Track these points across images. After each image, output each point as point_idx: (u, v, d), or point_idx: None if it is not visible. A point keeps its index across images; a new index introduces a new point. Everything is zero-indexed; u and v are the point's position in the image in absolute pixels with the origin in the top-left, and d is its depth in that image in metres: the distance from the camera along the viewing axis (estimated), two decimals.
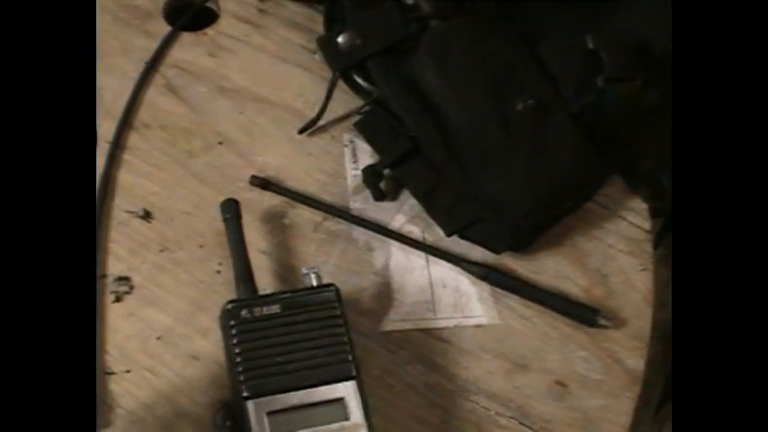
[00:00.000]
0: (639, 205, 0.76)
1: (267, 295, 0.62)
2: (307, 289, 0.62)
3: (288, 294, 0.62)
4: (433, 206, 0.71)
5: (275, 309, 0.61)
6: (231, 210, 0.68)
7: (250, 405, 0.58)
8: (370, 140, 0.74)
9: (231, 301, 0.61)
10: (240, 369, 0.58)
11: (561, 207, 0.72)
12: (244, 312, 0.60)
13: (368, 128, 0.74)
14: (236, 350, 0.59)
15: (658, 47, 0.75)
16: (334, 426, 0.58)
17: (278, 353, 0.59)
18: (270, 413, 0.58)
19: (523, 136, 0.70)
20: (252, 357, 0.59)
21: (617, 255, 0.73)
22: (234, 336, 0.59)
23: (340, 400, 0.59)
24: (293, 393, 0.58)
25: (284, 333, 0.60)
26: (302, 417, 0.58)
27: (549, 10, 0.76)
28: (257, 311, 0.61)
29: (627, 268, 0.73)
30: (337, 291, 0.62)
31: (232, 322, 0.60)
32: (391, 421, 0.64)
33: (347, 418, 0.58)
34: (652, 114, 0.74)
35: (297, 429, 0.57)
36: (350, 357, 0.60)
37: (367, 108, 0.74)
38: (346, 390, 0.59)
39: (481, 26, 0.73)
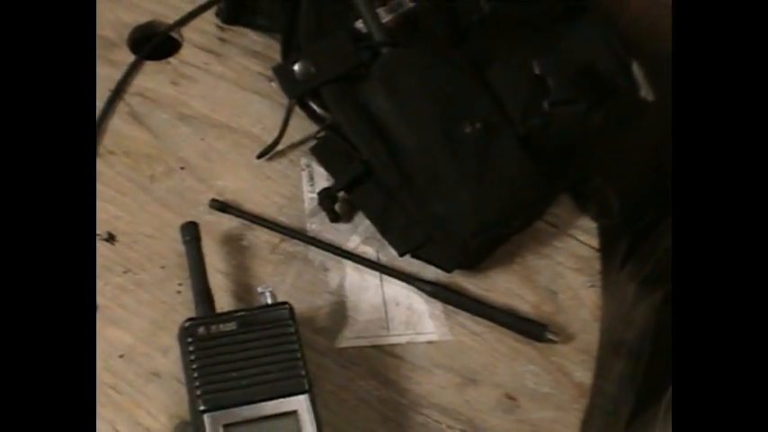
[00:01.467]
0: (588, 224, 0.79)
1: (224, 313, 0.65)
2: (262, 307, 0.65)
3: (243, 313, 0.64)
4: (385, 227, 0.74)
5: (231, 326, 0.63)
6: (191, 232, 0.70)
7: (207, 418, 0.60)
8: (325, 165, 0.77)
9: (189, 320, 0.63)
10: (197, 384, 0.61)
11: (509, 226, 0.74)
12: (201, 330, 0.63)
13: (323, 152, 0.76)
14: (194, 366, 0.61)
15: (602, 68, 0.78)
16: None
17: (234, 368, 0.61)
18: (226, 426, 0.60)
19: (471, 158, 0.72)
20: (208, 373, 0.61)
21: (565, 272, 0.76)
22: (191, 352, 0.62)
23: (293, 413, 0.61)
24: (248, 407, 0.60)
25: (240, 350, 0.62)
26: (257, 429, 0.60)
27: (496, 37, 0.79)
28: (214, 329, 0.63)
29: (575, 285, 0.76)
30: (291, 309, 0.64)
31: (189, 339, 0.62)
32: None
33: (300, 431, 0.60)
34: (598, 135, 0.77)
35: None
36: (303, 372, 0.62)
37: (322, 134, 0.77)
38: (299, 403, 0.61)
39: (430, 53, 0.75)
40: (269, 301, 0.65)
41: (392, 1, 0.79)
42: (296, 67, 0.76)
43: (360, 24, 0.78)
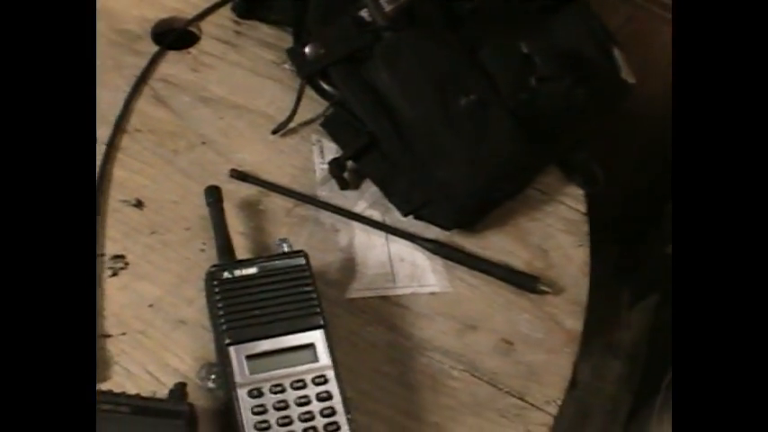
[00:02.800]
0: (575, 191, 0.86)
1: (245, 260, 0.72)
2: (280, 254, 0.72)
3: (263, 259, 0.71)
4: (390, 191, 0.81)
5: (252, 270, 0.70)
6: (214, 194, 0.77)
7: (232, 350, 0.66)
8: (334, 137, 0.84)
9: (215, 265, 0.70)
10: (222, 321, 0.67)
11: (501, 190, 0.82)
12: (225, 274, 0.70)
13: (332, 126, 0.84)
14: (219, 305, 0.68)
15: (586, 51, 0.85)
16: (305, 367, 0.67)
17: (255, 307, 0.68)
18: (249, 357, 0.66)
19: (466, 128, 0.80)
20: (232, 311, 0.68)
21: (555, 233, 0.83)
22: (217, 293, 0.68)
23: (310, 346, 0.67)
24: (269, 340, 0.67)
25: (260, 291, 0.69)
26: (277, 360, 0.67)
27: (487, 24, 0.87)
28: (237, 273, 0.70)
29: (564, 244, 0.82)
30: (306, 256, 0.71)
31: (215, 282, 0.69)
32: (357, 374, 0.72)
33: (317, 360, 0.67)
34: (582, 111, 0.85)
35: (272, 370, 0.66)
36: (318, 310, 0.69)
37: (331, 109, 0.85)
38: (315, 337, 0.68)
39: (428, 36, 0.83)
40: (285, 249, 0.72)
41: None
42: (307, 50, 0.83)
43: (363, 13, 0.85)
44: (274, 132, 0.85)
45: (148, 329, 0.73)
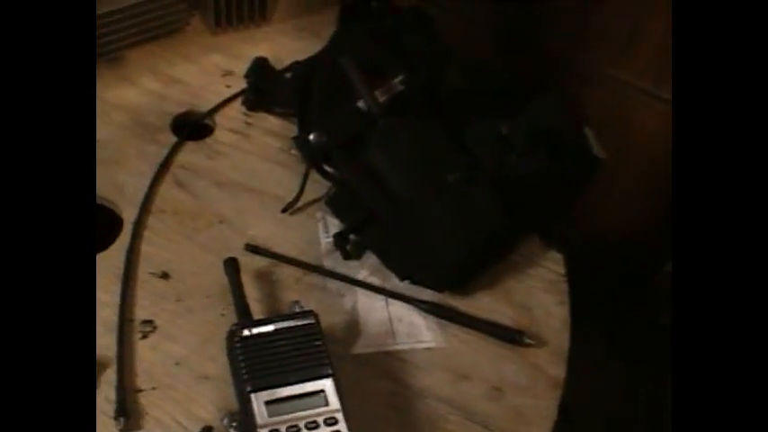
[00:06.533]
0: (554, 255, 0.96)
1: (262, 319, 0.81)
2: (293, 314, 0.81)
3: (278, 318, 0.80)
4: (387, 259, 0.91)
5: (269, 328, 0.79)
6: (231, 265, 0.87)
7: (253, 397, 0.74)
8: (337, 213, 0.94)
9: (235, 324, 0.79)
10: (244, 371, 0.76)
11: (486, 256, 0.92)
12: (245, 331, 0.78)
13: (335, 203, 0.95)
14: (240, 358, 0.76)
15: (560, 131, 0.96)
16: (318, 410, 0.75)
17: (272, 359, 0.76)
18: (267, 402, 0.75)
19: (453, 202, 0.89)
20: (252, 363, 0.76)
21: (538, 293, 0.92)
22: (238, 348, 0.77)
23: (321, 392, 0.76)
24: (285, 387, 0.75)
25: (276, 345, 0.77)
26: (293, 404, 0.75)
27: (469, 110, 0.97)
28: (255, 330, 0.78)
29: (546, 302, 0.92)
30: (315, 315, 0.80)
31: (236, 339, 0.78)
32: (362, 420, 0.79)
33: (327, 404, 0.75)
34: (558, 184, 0.95)
35: (289, 413, 0.74)
36: (327, 361, 0.77)
37: (333, 189, 0.95)
38: (325, 384, 0.76)
39: (417, 121, 0.94)
40: (297, 310, 0.82)
41: (385, 85, 0.98)
42: (311, 137, 0.94)
43: (360, 104, 0.96)
44: (284, 211, 0.96)
45: (176, 384, 0.81)
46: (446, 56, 1.02)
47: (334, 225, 0.95)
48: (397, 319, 0.89)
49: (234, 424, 0.78)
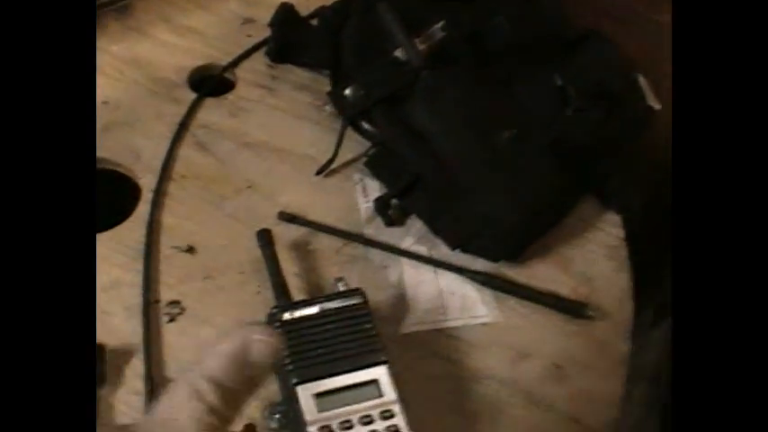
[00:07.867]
0: (612, 217, 0.88)
1: (305, 300, 0.73)
2: (338, 293, 0.73)
3: (323, 298, 0.72)
4: (436, 227, 0.83)
5: (313, 310, 0.71)
6: (265, 237, 0.79)
7: (299, 390, 0.67)
8: (378, 175, 0.86)
9: (275, 307, 0.72)
10: (288, 361, 0.68)
11: (542, 220, 0.84)
12: (286, 315, 0.71)
13: (376, 165, 0.86)
14: (282, 345, 0.69)
15: (612, 82, 0.88)
16: (372, 402, 0.67)
17: (318, 345, 0.69)
18: (316, 395, 0.68)
19: (506, 162, 0.82)
20: (297, 351, 0.69)
21: (597, 259, 0.85)
22: (280, 334, 0.70)
23: (374, 382, 0.68)
24: (335, 378, 0.68)
25: (322, 330, 0.70)
26: (344, 397, 0.68)
27: (516, 60, 0.89)
28: (297, 314, 0.71)
29: (607, 270, 0.84)
30: (363, 293, 0.73)
31: (277, 323, 0.70)
32: (416, 406, 0.72)
33: (381, 396, 0.68)
34: (614, 139, 0.87)
35: (340, 407, 0.67)
36: (379, 346, 0.70)
37: (373, 149, 0.87)
38: (379, 372, 0.69)
39: (463, 74, 0.86)
40: (342, 288, 0.74)
41: (425, 32, 0.89)
42: (347, 92, 0.86)
43: (398, 53, 0.88)
44: (318, 173, 0.87)
45: None
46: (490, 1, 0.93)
47: (374, 188, 0.87)
48: (448, 293, 0.81)
49: (276, 416, 0.71)
